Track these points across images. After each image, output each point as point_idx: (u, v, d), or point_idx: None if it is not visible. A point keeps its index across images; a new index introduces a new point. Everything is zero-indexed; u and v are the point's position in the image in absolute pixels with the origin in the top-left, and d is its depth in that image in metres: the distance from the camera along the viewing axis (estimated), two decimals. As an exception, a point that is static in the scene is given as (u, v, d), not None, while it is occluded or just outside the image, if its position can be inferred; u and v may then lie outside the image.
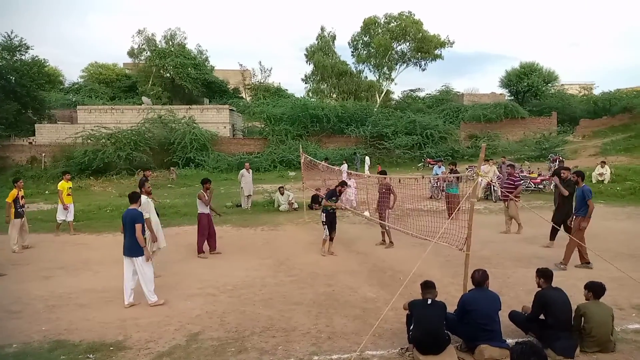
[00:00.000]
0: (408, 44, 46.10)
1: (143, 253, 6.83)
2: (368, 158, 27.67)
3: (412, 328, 5.16)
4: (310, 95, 47.14)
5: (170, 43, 45.49)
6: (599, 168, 19.25)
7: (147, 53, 45.55)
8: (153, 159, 29.05)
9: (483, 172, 14.79)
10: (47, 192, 21.94)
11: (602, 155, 25.51)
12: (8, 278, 8.41)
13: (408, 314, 5.33)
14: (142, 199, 7.41)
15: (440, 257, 8.83)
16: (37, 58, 33.75)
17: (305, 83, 49.90)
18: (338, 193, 9.80)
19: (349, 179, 14.56)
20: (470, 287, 5.45)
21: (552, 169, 20.14)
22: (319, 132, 33.49)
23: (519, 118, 35.55)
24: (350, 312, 6.47)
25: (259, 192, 18.30)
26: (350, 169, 22.47)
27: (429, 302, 5.19)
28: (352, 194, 14.95)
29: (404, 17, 45.39)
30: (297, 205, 15.37)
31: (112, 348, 5.46)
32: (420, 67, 47.40)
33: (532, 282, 5.88)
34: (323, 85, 48.68)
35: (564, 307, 5.23)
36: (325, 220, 9.53)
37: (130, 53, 47.26)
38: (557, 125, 36.45)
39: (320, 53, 47.32)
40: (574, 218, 8.47)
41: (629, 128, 33.30)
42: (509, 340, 5.16)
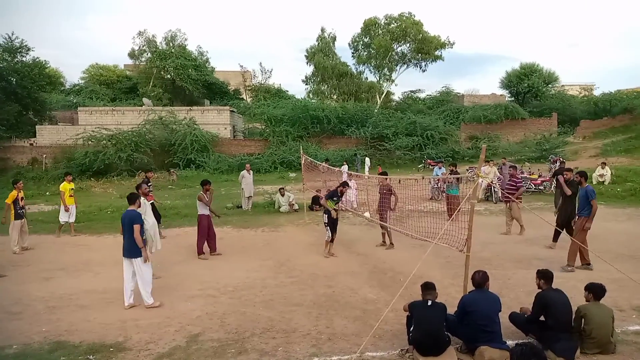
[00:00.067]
0: (408, 45, 46.15)
1: (141, 254, 6.83)
2: (368, 159, 27.63)
3: (412, 329, 5.16)
4: (311, 97, 47.15)
5: (171, 44, 45.58)
6: (600, 169, 19.24)
7: (147, 54, 45.67)
8: (154, 160, 29.05)
9: (483, 173, 14.78)
10: (47, 193, 21.94)
11: (602, 156, 25.49)
12: (8, 279, 8.42)
13: (408, 315, 5.33)
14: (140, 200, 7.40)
15: (441, 258, 8.83)
16: (38, 59, 33.74)
17: (306, 84, 50.07)
18: (340, 193, 9.80)
19: (350, 180, 14.56)
20: (471, 288, 5.45)
21: (552, 170, 20.12)
22: (320, 133, 33.47)
23: (520, 119, 35.56)
24: (351, 313, 6.47)
25: (260, 193, 18.30)
26: (351, 170, 22.46)
27: (429, 303, 5.19)
28: (352, 195, 14.96)
29: (404, 18, 45.44)
30: (297, 207, 15.37)
31: (112, 349, 5.47)
32: (421, 68, 47.54)
33: (532, 283, 5.88)
34: (323, 87, 48.71)
35: (564, 308, 5.23)
36: (328, 222, 9.51)
37: (131, 54, 47.47)
38: (557, 126, 36.43)
39: (321, 54, 47.37)
40: (577, 218, 8.45)
41: (630, 129, 33.23)
42: (509, 342, 5.15)
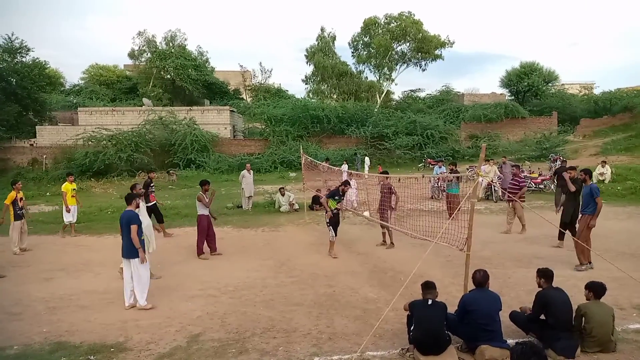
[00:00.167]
0: (408, 44, 46.10)
1: (138, 255, 6.81)
2: (368, 159, 27.62)
3: (412, 328, 5.16)
4: (311, 96, 47.08)
5: (171, 44, 45.54)
6: (600, 168, 19.20)
7: (147, 54, 45.63)
8: (154, 161, 29.03)
9: (483, 172, 14.79)
10: (48, 193, 21.94)
11: (602, 155, 25.49)
12: (9, 280, 8.42)
13: (409, 315, 5.33)
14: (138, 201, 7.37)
15: (441, 257, 8.83)
16: (37, 60, 33.75)
17: (306, 84, 49.97)
18: (341, 192, 9.79)
19: (350, 179, 14.55)
20: (471, 287, 5.45)
21: (552, 169, 20.10)
22: (320, 132, 33.46)
23: (520, 118, 35.52)
24: (351, 312, 6.47)
25: (260, 193, 18.30)
26: (351, 170, 22.45)
27: (430, 302, 5.19)
28: (352, 195, 14.95)
29: (404, 17, 45.37)
30: (297, 206, 15.37)
31: (113, 349, 5.47)
32: (421, 67, 47.49)
33: (532, 282, 5.88)
34: (323, 86, 48.63)
35: (565, 307, 5.23)
36: (329, 221, 9.51)
37: (131, 54, 47.40)
38: (557, 125, 36.40)
39: (321, 54, 47.30)
40: (581, 216, 8.41)
41: (630, 127, 33.23)
42: (510, 341, 5.16)
